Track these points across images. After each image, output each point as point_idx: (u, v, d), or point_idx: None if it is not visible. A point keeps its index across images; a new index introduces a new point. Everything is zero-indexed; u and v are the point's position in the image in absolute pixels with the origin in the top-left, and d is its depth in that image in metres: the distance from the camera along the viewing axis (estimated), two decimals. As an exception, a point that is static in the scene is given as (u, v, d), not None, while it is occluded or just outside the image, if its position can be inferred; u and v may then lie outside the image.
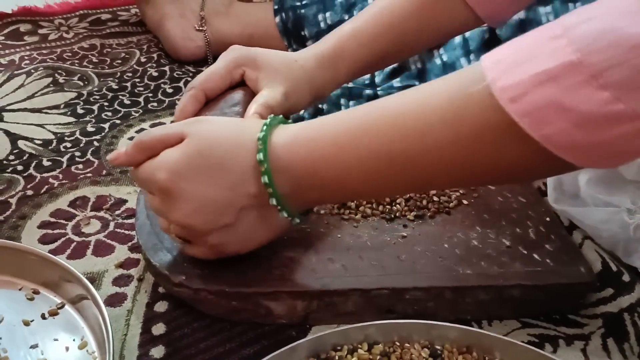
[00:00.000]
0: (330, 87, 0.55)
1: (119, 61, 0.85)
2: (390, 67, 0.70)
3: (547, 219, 0.52)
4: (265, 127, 0.41)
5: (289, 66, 0.52)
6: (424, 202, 0.53)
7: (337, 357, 0.40)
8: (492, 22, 0.56)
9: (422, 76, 0.73)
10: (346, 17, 0.78)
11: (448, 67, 0.65)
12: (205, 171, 0.40)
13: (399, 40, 0.55)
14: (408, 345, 0.41)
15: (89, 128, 0.70)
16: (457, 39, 0.71)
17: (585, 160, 0.33)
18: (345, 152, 0.39)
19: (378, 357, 0.40)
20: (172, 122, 0.50)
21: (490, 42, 0.68)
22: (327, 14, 0.80)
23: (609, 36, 0.30)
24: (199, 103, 0.50)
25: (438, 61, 0.73)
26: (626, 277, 0.50)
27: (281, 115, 0.44)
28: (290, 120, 0.44)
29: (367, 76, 0.77)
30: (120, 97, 0.77)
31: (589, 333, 0.46)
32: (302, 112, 0.72)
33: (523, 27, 0.62)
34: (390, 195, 0.50)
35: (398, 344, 0.41)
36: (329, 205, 0.52)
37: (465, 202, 0.54)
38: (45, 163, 0.64)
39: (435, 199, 0.53)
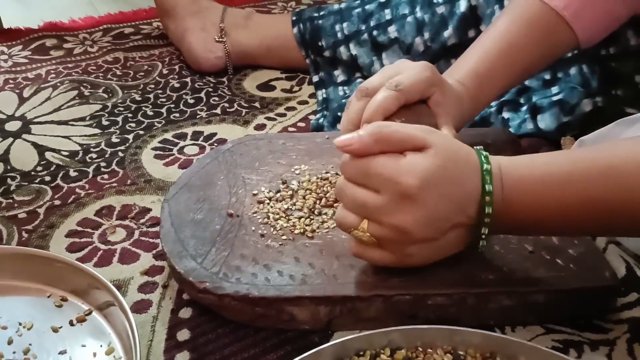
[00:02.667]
0: (467, 122, 0.58)
1: (142, 73, 0.87)
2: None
3: (570, 223, 0.52)
4: (483, 157, 0.42)
5: (459, 100, 0.54)
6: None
7: (360, 362, 0.40)
8: (585, 45, 0.59)
9: None
10: (363, 27, 0.79)
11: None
12: (446, 185, 0.41)
13: (523, 70, 0.59)
14: (431, 350, 0.41)
15: (114, 139, 0.72)
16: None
17: None
18: (548, 199, 0.41)
19: (401, 362, 0.40)
20: (365, 113, 0.50)
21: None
22: (344, 25, 0.80)
23: None
24: (399, 105, 0.50)
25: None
26: (652, 282, 0.50)
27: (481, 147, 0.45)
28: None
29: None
30: (143, 108, 0.78)
31: (614, 338, 0.45)
32: (319, 119, 0.73)
33: None
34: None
35: (421, 349, 0.41)
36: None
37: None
38: (72, 174, 0.65)
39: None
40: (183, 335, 0.46)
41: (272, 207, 0.54)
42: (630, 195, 0.39)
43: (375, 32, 0.78)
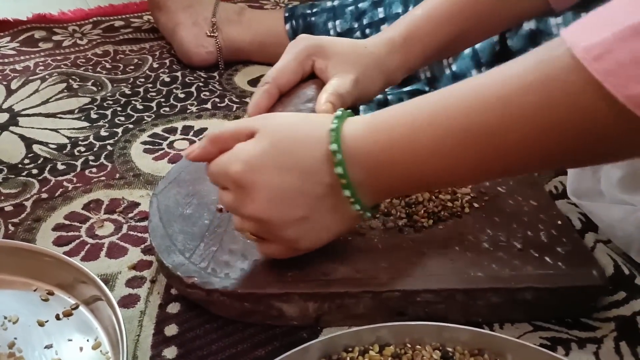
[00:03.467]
0: (402, 72, 0.54)
1: (132, 67, 0.86)
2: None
3: (559, 222, 0.52)
4: (336, 120, 0.40)
5: (358, 52, 0.51)
6: (438, 208, 0.53)
7: (348, 359, 0.40)
8: (557, 6, 0.55)
9: (432, 84, 0.74)
10: (355, 25, 0.79)
11: (459, 78, 0.65)
12: (279, 162, 0.40)
13: (472, 23, 0.54)
14: (419, 347, 0.41)
15: (103, 132, 0.71)
16: (468, 50, 0.71)
17: None
18: (421, 132, 0.38)
19: (389, 359, 0.40)
20: (247, 117, 0.50)
21: (501, 54, 0.68)
22: (337, 22, 0.80)
23: None
24: (272, 98, 0.50)
25: (448, 71, 0.73)
26: (639, 281, 0.50)
27: (350, 110, 0.43)
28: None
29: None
30: (133, 102, 0.78)
31: (601, 336, 0.46)
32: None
33: (534, 38, 0.62)
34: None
35: (409, 345, 0.41)
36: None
37: (476, 205, 0.54)
38: (60, 167, 0.65)
39: (449, 204, 0.53)
40: (171, 330, 0.46)
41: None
42: (503, 109, 0.34)
43: (368, 30, 0.78)
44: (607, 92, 0.30)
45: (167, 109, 0.77)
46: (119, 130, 0.71)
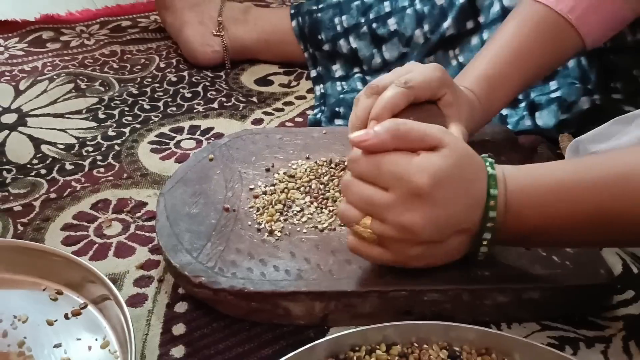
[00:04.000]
0: (479, 129, 0.58)
1: (139, 67, 0.87)
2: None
3: (566, 221, 0.52)
4: (488, 163, 0.42)
5: (467, 100, 0.54)
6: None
7: (355, 358, 0.40)
8: (592, 47, 0.59)
9: None
10: (362, 20, 0.79)
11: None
12: (457, 187, 0.40)
13: (533, 75, 0.59)
14: (426, 346, 0.41)
15: (110, 132, 0.71)
16: (475, 41, 0.71)
17: None
18: (556, 206, 0.41)
19: (396, 358, 0.40)
20: (372, 110, 0.49)
21: None
22: (343, 18, 0.80)
23: None
24: (408, 103, 0.50)
25: (454, 62, 0.73)
26: (647, 280, 0.50)
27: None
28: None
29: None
30: (140, 102, 0.78)
31: (609, 335, 0.46)
32: (317, 114, 0.73)
33: None
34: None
35: (416, 345, 0.41)
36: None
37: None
38: (68, 167, 0.65)
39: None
40: (178, 329, 0.46)
41: (268, 201, 0.54)
42: (626, 203, 0.38)
43: (374, 25, 0.78)
44: None
45: (174, 108, 0.77)
46: (127, 130, 0.72)
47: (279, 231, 0.50)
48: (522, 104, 0.68)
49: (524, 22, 0.57)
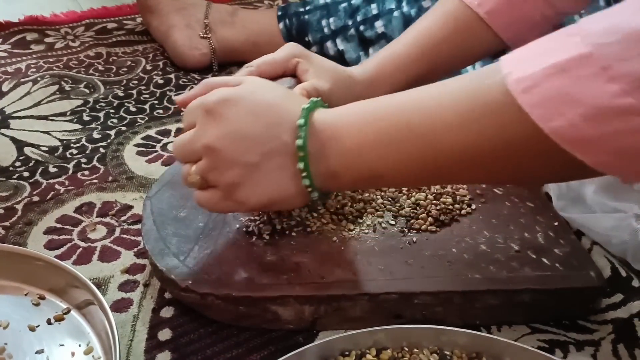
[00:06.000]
0: None
1: (125, 69, 0.86)
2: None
3: (556, 223, 0.52)
4: (310, 102, 0.43)
5: (336, 70, 0.55)
6: (440, 212, 0.52)
7: (345, 363, 0.39)
8: (514, 45, 0.58)
9: None
10: (350, 22, 0.79)
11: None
12: (252, 106, 0.42)
13: (432, 65, 0.58)
14: (417, 350, 0.41)
15: (95, 135, 0.70)
16: None
17: (594, 158, 0.32)
18: (369, 123, 0.41)
19: (387, 363, 0.39)
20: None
21: None
22: (331, 20, 0.80)
23: (621, 30, 0.30)
24: None
25: None
26: (636, 283, 0.50)
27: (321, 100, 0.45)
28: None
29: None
30: (126, 104, 0.77)
31: (599, 339, 0.45)
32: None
33: None
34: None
35: (407, 349, 0.41)
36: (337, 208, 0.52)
37: (473, 207, 0.53)
38: (52, 169, 0.64)
39: (450, 207, 0.53)
40: (164, 335, 0.45)
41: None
42: (433, 119, 0.37)
43: (362, 27, 0.78)
44: (533, 122, 0.32)
45: (161, 111, 0.76)
46: (112, 132, 0.71)
47: (267, 234, 0.49)
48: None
49: (435, 15, 0.59)
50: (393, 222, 0.51)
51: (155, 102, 0.78)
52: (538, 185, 0.55)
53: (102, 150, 0.67)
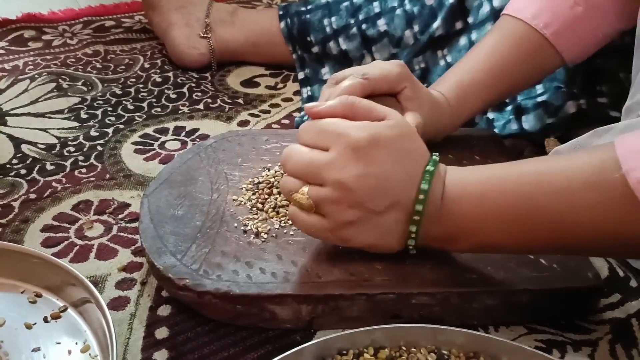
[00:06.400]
0: (449, 131, 0.59)
1: (123, 67, 0.85)
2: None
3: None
4: (432, 162, 0.43)
5: (430, 99, 0.55)
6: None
7: (342, 362, 0.39)
8: (574, 63, 0.60)
9: (425, 76, 0.74)
10: (352, 21, 0.78)
11: None
12: (397, 152, 0.42)
13: (508, 87, 0.60)
14: (414, 349, 0.41)
15: (93, 133, 0.70)
16: (463, 41, 0.71)
17: None
18: (491, 194, 0.41)
19: (384, 362, 0.39)
20: (328, 97, 0.50)
21: None
22: (333, 19, 0.80)
23: None
24: (364, 93, 0.50)
25: (442, 62, 0.73)
26: (633, 283, 0.50)
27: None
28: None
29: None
30: (124, 102, 0.77)
31: (596, 339, 0.46)
32: (304, 116, 0.73)
33: None
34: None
35: (404, 348, 0.41)
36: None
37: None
38: (49, 167, 0.64)
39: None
40: (161, 333, 0.45)
41: (254, 203, 0.53)
42: (560, 202, 0.39)
43: (364, 26, 0.78)
44: None
45: (159, 109, 0.76)
46: (110, 130, 0.71)
47: (265, 233, 0.49)
48: (509, 108, 0.68)
49: (502, 37, 0.59)
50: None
51: (153, 100, 0.78)
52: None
53: (99, 148, 0.67)
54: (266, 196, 0.53)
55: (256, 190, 0.54)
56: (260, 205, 0.53)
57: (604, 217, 0.38)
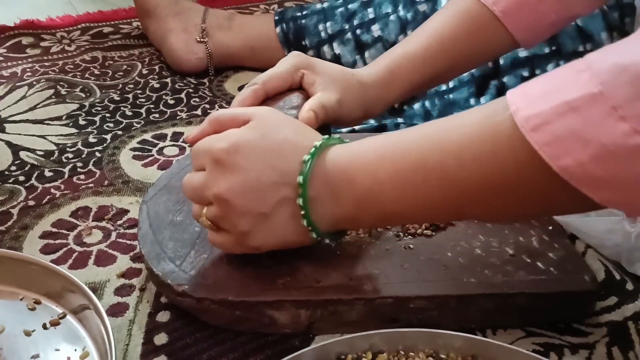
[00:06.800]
0: (381, 106, 0.57)
1: (121, 73, 0.86)
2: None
3: (550, 227, 0.52)
4: (322, 140, 0.42)
5: (345, 77, 0.54)
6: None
7: (341, 366, 0.39)
8: (526, 46, 0.58)
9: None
10: (346, 26, 0.79)
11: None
12: (263, 152, 0.41)
13: (448, 63, 0.57)
14: (412, 354, 0.41)
15: (91, 139, 0.70)
16: None
17: (602, 195, 0.32)
18: (383, 163, 0.40)
19: (383, 366, 0.40)
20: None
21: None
22: (328, 24, 0.80)
23: (631, 70, 0.30)
24: (258, 99, 0.51)
25: None
26: (630, 286, 0.50)
27: (339, 137, 0.45)
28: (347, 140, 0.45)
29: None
30: (122, 108, 0.77)
31: (593, 342, 0.46)
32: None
33: None
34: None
35: (402, 352, 0.41)
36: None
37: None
38: (47, 174, 0.64)
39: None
40: (160, 339, 0.45)
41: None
42: (452, 160, 0.37)
43: (358, 31, 0.78)
44: (543, 160, 0.32)
45: (157, 115, 0.76)
46: (108, 136, 0.71)
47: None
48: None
49: (449, 13, 0.57)
50: (389, 227, 0.51)
51: (152, 106, 0.78)
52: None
53: (98, 154, 0.67)
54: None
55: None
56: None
57: (493, 167, 0.36)
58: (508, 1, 0.55)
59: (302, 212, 0.41)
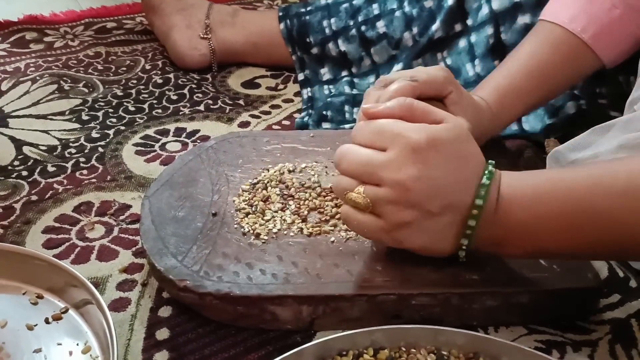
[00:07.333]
0: (487, 137, 0.58)
1: (124, 68, 0.86)
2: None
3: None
4: (491, 167, 0.43)
5: (474, 104, 0.55)
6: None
7: (342, 362, 0.39)
8: (611, 65, 0.60)
9: None
10: (351, 22, 0.79)
11: (452, 71, 0.65)
12: (454, 156, 0.42)
13: (546, 92, 0.60)
14: (414, 350, 0.41)
15: (94, 134, 0.70)
16: (462, 44, 0.71)
17: None
18: (544, 199, 0.41)
19: (384, 363, 0.40)
20: (373, 98, 0.50)
21: (496, 47, 0.68)
22: (332, 20, 0.80)
23: None
24: (414, 95, 0.50)
25: (442, 64, 0.73)
26: (633, 283, 0.50)
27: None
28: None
29: (372, 80, 0.77)
30: (125, 103, 0.77)
31: (596, 339, 0.46)
32: (304, 117, 0.73)
33: (528, 31, 0.63)
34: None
35: (404, 349, 0.41)
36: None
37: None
38: (50, 169, 0.64)
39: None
40: (162, 334, 0.45)
41: (255, 204, 0.53)
42: (622, 205, 0.38)
43: (363, 28, 0.78)
44: None
45: (160, 110, 0.76)
46: (111, 132, 0.71)
47: (265, 235, 0.50)
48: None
49: (540, 41, 0.59)
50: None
51: (154, 101, 0.78)
52: None
53: (100, 149, 0.67)
54: (261, 197, 0.54)
55: (252, 191, 0.54)
56: (255, 205, 0.53)
57: None
58: (596, 27, 0.57)
59: (468, 232, 0.42)
